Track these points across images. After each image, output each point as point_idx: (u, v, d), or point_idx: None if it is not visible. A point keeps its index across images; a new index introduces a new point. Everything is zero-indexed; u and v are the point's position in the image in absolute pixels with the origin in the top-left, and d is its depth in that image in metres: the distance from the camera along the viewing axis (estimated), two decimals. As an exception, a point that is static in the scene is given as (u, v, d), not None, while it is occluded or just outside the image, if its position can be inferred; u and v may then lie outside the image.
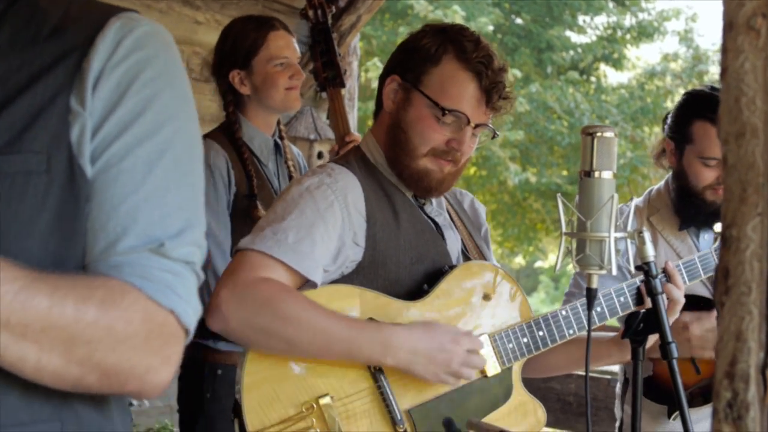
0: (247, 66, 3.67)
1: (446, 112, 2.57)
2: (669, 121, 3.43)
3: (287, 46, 3.72)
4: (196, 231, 1.43)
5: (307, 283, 2.48)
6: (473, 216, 2.95)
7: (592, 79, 20.14)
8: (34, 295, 1.25)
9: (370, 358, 2.45)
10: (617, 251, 2.33)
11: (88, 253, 1.39)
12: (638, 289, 2.78)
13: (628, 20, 20.15)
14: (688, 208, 3.32)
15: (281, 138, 3.87)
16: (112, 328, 1.32)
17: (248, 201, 3.58)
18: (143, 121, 1.38)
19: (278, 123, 3.87)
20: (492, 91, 2.61)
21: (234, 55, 3.67)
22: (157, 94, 1.40)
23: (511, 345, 2.67)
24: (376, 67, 14.60)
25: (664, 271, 2.81)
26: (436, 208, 2.78)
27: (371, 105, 10.54)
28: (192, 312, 1.42)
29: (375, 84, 2.93)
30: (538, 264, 24.28)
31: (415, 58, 2.63)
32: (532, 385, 2.79)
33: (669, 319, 2.62)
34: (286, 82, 3.68)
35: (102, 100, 1.36)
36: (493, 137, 2.73)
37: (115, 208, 1.37)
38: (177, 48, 1.47)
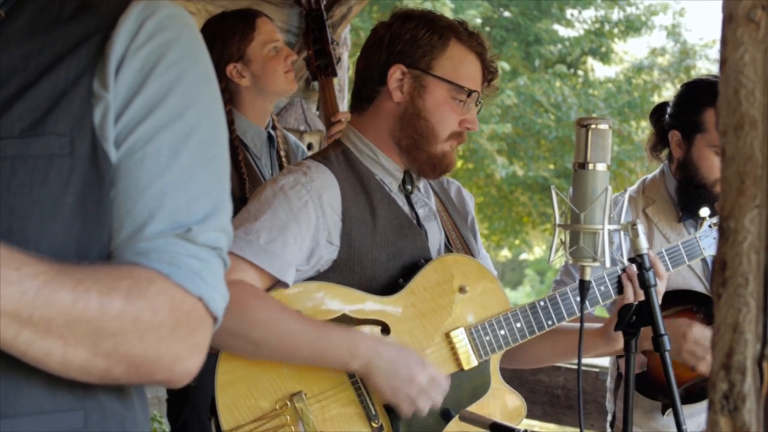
0: (243, 57, 3.67)
1: (470, 92, 2.63)
2: (672, 110, 3.39)
3: (275, 30, 3.76)
4: (223, 216, 1.42)
5: (278, 283, 2.48)
6: (459, 204, 2.95)
7: (580, 72, 20.16)
8: (57, 289, 1.24)
9: (335, 361, 2.44)
10: (611, 243, 2.34)
11: (114, 238, 1.38)
12: (619, 278, 2.77)
13: (616, 14, 20.16)
14: (692, 199, 3.28)
15: (274, 128, 3.86)
16: (139, 319, 1.30)
17: (241, 205, 3.57)
18: (168, 103, 1.37)
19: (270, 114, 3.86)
20: (490, 71, 2.70)
21: (226, 50, 3.66)
22: (181, 76, 1.39)
23: (488, 337, 2.67)
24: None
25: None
26: (423, 195, 2.78)
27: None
28: (219, 298, 1.41)
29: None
30: (524, 257, 24.30)
31: (420, 45, 2.64)
32: (520, 377, 2.80)
33: None
34: (283, 65, 3.69)
35: (125, 83, 1.36)
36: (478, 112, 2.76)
37: (141, 192, 1.36)
38: (197, 30, 1.46)
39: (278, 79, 3.69)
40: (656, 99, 18.44)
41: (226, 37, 3.65)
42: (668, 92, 18.91)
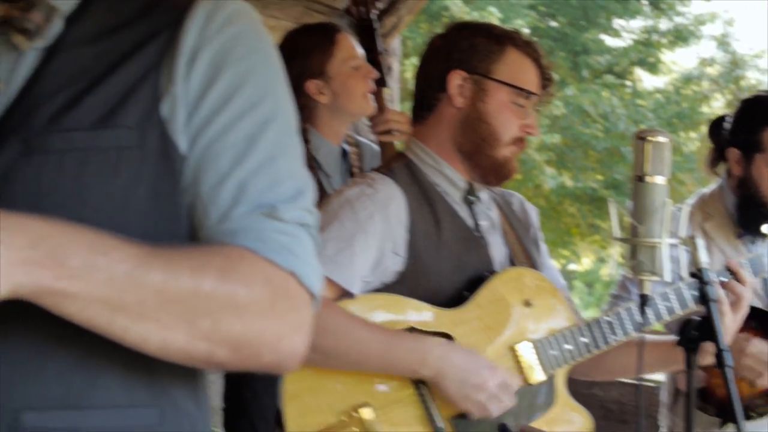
0: (323, 73, 3.51)
1: (530, 95, 2.65)
2: (730, 127, 3.34)
3: (356, 46, 3.63)
4: (307, 196, 1.42)
5: (345, 293, 2.48)
6: (522, 217, 2.94)
7: (628, 83, 20.04)
8: (147, 271, 1.23)
9: (406, 368, 2.45)
10: (670, 257, 2.31)
11: (200, 228, 1.38)
12: (684, 292, 2.74)
13: (664, 24, 20.03)
14: (752, 217, 3.24)
15: (349, 144, 3.79)
16: (233, 296, 1.29)
17: None
18: (242, 94, 1.38)
19: None
20: (546, 78, 2.72)
21: (306, 65, 3.50)
22: (253, 68, 1.40)
23: (554, 352, 2.65)
24: (414, 67, 14.58)
25: (728, 268, 2.78)
26: (486, 206, 2.77)
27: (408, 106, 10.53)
28: (313, 273, 1.38)
29: (412, 85, 2.89)
30: (572, 267, 24.19)
31: (478, 51, 2.66)
32: (575, 391, 2.76)
33: (737, 317, 2.59)
34: (364, 85, 3.56)
35: (198, 77, 1.37)
36: None
37: (223, 181, 1.36)
38: (262, 25, 1.47)
39: (358, 98, 3.55)
40: (706, 110, 18.29)
41: (306, 52, 3.52)
42: (718, 103, 18.75)
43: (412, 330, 2.51)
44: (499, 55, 2.65)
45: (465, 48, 2.67)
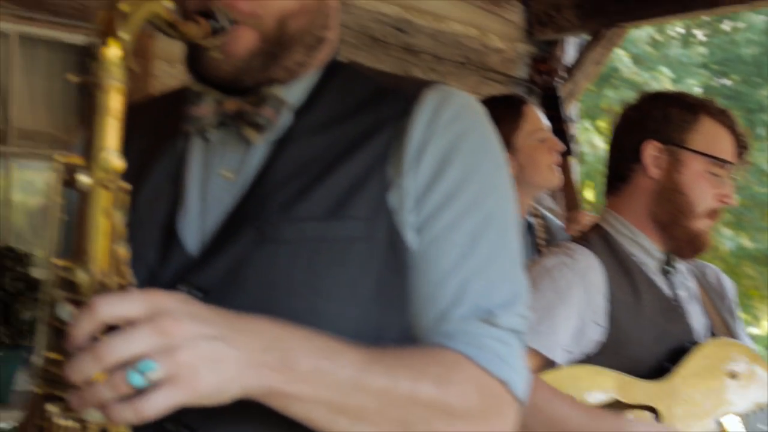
0: (509, 145, 3.51)
1: (726, 164, 2.61)
2: None
3: (542, 118, 3.63)
4: (522, 300, 1.44)
5: (547, 363, 2.47)
6: (719, 288, 2.88)
7: (806, 140, 19.42)
8: (369, 376, 1.27)
9: None
10: None
11: (417, 323, 1.40)
12: None
13: (844, 78, 19.37)
14: None
15: (534, 216, 3.80)
16: (448, 404, 1.32)
17: None
18: (467, 192, 1.40)
19: None
20: (741, 145, 2.68)
21: None
22: (478, 164, 1.43)
23: (763, 426, 2.58)
24: (586, 129, 14.49)
25: None
26: (683, 276, 2.73)
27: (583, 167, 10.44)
28: (521, 381, 1.42)
29: (584, 148, 2.90)
30: (752, 331, 23.41)
31: (673, 121, 2.64)
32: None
33: None
34: (550, 157, 3.56)
35: (424, 171, 1.39)
36: None
37: (444, 279, 1.38)
38: (488, 119, 1.49)
39: (544, 171, 3.55)
40: None
41: (493, 123, 3.53)
42: None
43: (616, 403, 2.47)
44: (693, 125, 2.63)
45: (659, 118, 2.65)
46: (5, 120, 4.35)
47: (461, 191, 1.40)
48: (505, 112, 3.53)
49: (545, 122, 3.62)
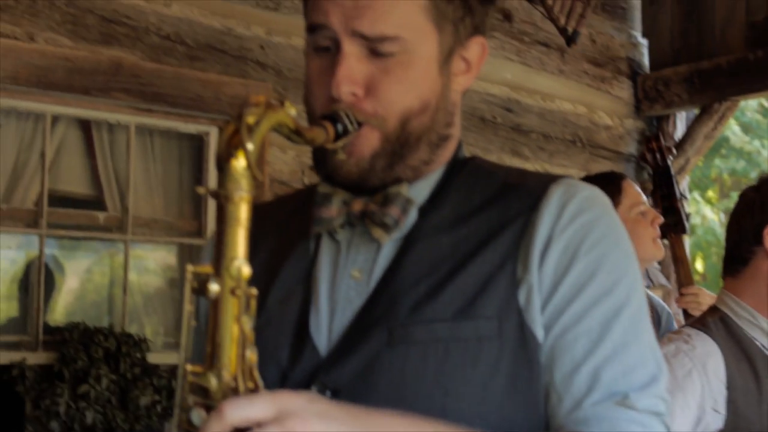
0: None
1: None
2: None
3: (641, 193, 3.65)
4: (660, 383, 1.41)
5: None
6: None
7: None
8: None
9: None
10: None
11: (553, 416, 1.39)
12: None
13: None
14: None
15: None
16: None
17: None
18: (596, 282, 1.39)
19: None
20: None
21: None
22: (606, 254, 1.42)
23: None
24: (695, 201, 14.30)
25: None
26: None
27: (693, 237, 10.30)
28: None
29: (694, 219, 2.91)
30: None
31: None
32: None
33: None
34: (652, 230, 3.56)
35: (552, 266, 1.39)
36: None
37: (577, 369, 1.37)
38: (614, 210, 1.49)
39: (646, 244, 3.54)
40: None
41: None
42: None
43: None
44: None
45: None
46: (123, 208, 4.47)
47: (590, 282, 1.39)
48: (604, 188, 3.52)
49: (644, 197, 3.62)
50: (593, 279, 1.39)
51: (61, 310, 4.50)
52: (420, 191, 1.47)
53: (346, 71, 1.39)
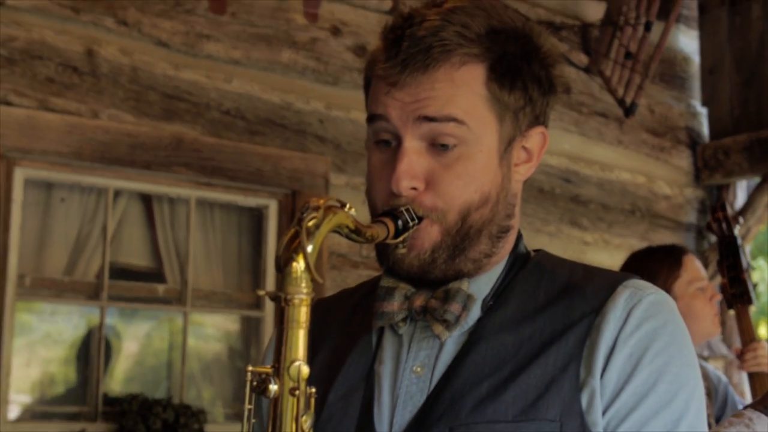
0: (668, 293, 3.52)
1: None
2: None
3: (701, 269, 3.62)
4: None
5: None
6: None
7: None
8: None
9: None
10: None
11: None
12: None
13: None
14: None
15: None
16: None
17: None
18: (657, 392, 1.38)
19: None
20: None
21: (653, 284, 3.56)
22: (669, 363, 1.40)
23: None
24: (760, 268, 14.09)
25: None
26: None
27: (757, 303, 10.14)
28: None
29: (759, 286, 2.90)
30: None
31: None
32: None
33: None
34: (710, 307, 3.51)
35: (615, 372, 1.38)
36: None
37: None
38: (679, 314, 1.48)
39: (704, 321, 3.49)
40: None
41: (652, 272, 3.49)
42: None
43: None
44: None
45: None
46: (183, 281, 4.51)
47: (652, 392, 1.38)
48: (664, 261, 3.53)
49: (704, 273, 3.58)
50: (655, 389, 1.38)
51: (119, 378, 4.54)
52: (482, 286, 1.47)
53: (406, 166, 1.40)
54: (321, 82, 4.74)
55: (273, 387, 1.23)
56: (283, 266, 1.24)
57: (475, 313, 1.45)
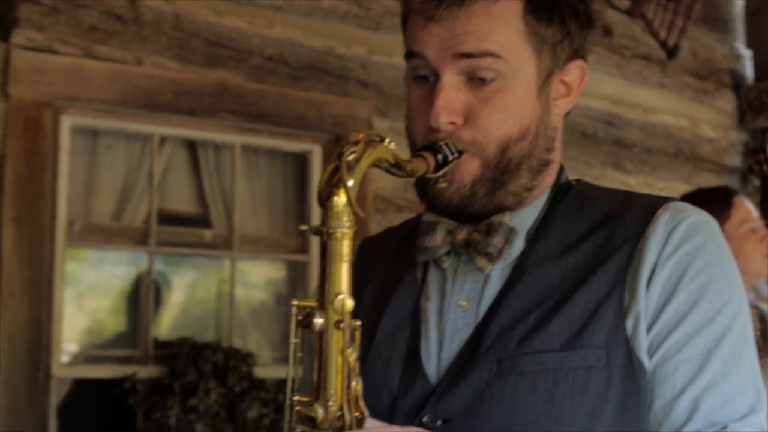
0: None
1: None
2: None
3: (752, 210, 3.60)
4: (759, 414, 1.41)
5: None
6: None
7: None
8: None
9: None
10: None
11: None
12: None
13: None
14: None
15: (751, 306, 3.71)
16: None
17: None
18: (699, 310, 1.39)
19: None
20: None
21: None
22: (710, 281, 1.41)
23: None
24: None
25: None
26: None
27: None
28: None
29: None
30: None
31: None
32: None
33: None
34: (762, 247, 3.49)
35: (656, 293, 1.39)
36: None
37: (677, 398, 1.38)
38: (722, 234, 1.49)
39: (755, 260, 3.46)
40: None
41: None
42: None
43: None
44: None
45: None
46: (229, 226, 4.56)
47: (693, 311, 1.39)
48: (715, 203, 3.50)
49: (756, 213, 3.55)
50: (696, 307, 1.39)
51: (168, 324, 4.61)
52: (524, 219, 1.48)
53: (444, 101, 1.41)
54: (362, 27, 4.74)
55: (318, 320, 1.26)
56: (324, 201, 1.27)
57: (518, 245, 1.46)
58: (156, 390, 4.10)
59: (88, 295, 4.46)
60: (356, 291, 1.30)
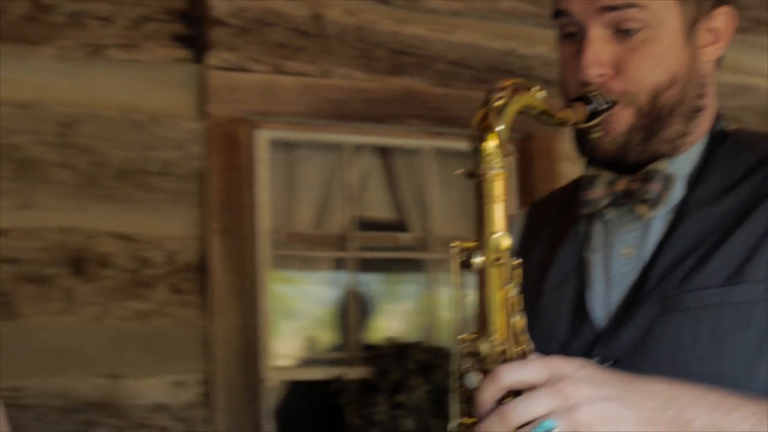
0: None
1: None
2: None
3: None
4: None
5: None
6: None
7: None
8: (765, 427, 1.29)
9: None
10: None
11: None
12: None
13: None
14: None
15: None
16: None
17: None
18: None
19: None
20: None
21: None
22: None
23: None
24: None
25: None
26: None
27: None
28: None
29: None
30: None
31: None
32: None
33: None
34: None
35: None
36: None
37: None
38: None
39: None
40: None
41: None
42: None
43: None
44: None
45: None
46: (427, 230, 4.65)
47: None
48: None
49: None
50: None
51: (374, 332, 4.73)
52: (682, 165, 1.52)
53: (592, 55, 1.47)
54: (542, 26, 4.75)
55: (476, 259, 1.33)
56: (475, 146, 1.34)
57: (677, 191, 1.50)
58: (364, 389, 4.23)
59: (295, 306, 4.64)
60: (527, 250, 1.36)
